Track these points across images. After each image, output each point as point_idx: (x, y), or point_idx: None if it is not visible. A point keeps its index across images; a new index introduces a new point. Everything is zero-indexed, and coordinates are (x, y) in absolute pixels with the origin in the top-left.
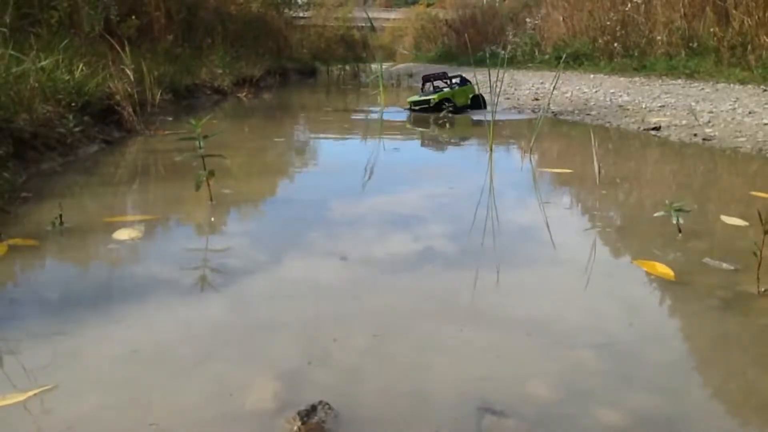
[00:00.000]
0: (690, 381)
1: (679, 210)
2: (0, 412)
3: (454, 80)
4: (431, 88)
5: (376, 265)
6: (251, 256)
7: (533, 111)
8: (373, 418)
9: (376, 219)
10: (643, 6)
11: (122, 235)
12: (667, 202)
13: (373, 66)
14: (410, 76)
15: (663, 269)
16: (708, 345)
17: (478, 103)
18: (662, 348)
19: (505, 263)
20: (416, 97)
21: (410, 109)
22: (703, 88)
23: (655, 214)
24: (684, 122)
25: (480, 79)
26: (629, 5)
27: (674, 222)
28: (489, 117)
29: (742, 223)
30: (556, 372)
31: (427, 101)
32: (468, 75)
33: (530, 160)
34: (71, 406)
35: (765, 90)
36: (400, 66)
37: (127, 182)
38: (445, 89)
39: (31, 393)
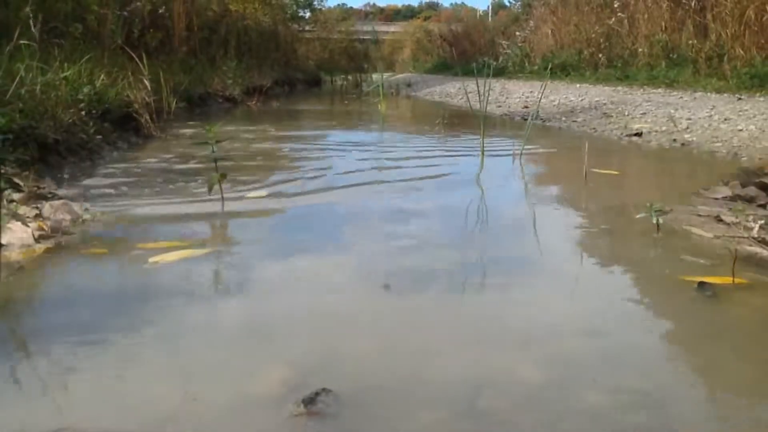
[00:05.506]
0: (672, 365)
1: (658, 211)
2: None
3: None
4: None
5: (378, 255)
6: (257, 249)
7: (523, 118)
8: (373, 403)
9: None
10: (627, 20)
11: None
12: (648, 204)
13: (374, 76)
14: (408, 85)
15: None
16: (689, 333)
17: None
18: (648, 336)
19: (500, 255)
20: None
21: None
22: (681, 97)
23: (637, 216)
24: (664, 128)
25: (472, 87)
26: (614, 19)
27: (654, 222)
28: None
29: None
30: (546, 358)
31: None
32: (460, 84)
33: (520, 162)
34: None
35: (739, 98)
36: (399, 76)
37: (141, 182)
38: None
39: None
